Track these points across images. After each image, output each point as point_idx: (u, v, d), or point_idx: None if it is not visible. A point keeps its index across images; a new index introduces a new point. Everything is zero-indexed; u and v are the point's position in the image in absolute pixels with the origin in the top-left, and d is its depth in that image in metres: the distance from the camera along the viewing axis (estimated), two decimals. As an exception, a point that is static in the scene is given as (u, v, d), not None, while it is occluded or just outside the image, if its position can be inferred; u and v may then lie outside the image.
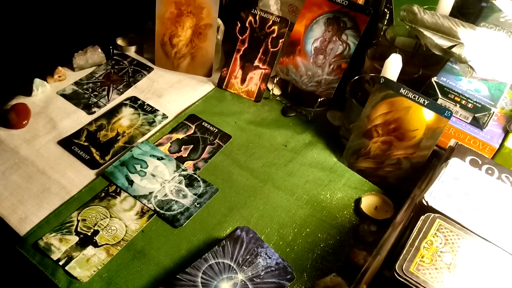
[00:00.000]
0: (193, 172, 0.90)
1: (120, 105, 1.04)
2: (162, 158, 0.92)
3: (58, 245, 0.76)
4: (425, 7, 0.91)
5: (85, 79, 1.10)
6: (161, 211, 0.83)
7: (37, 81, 1.04)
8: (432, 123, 0.82)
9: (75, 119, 1.00)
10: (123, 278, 0.74)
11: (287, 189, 0.89)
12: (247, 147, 0.97)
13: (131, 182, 0.87)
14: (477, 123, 0.87)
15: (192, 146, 0.96)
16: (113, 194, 0.85)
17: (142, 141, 0.96)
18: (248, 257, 0.75)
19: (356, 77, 0.95)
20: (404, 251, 0.61)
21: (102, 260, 0.75)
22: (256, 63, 1.08)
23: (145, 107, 1.04)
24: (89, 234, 0.78)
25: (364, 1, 1.01)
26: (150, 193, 0.85)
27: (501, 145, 0.85)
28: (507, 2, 0.96)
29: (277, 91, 1.11)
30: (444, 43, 0.88)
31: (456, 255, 0.62)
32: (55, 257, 0.75)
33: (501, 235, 0.66)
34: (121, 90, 1.08)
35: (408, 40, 1.03)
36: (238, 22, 1.07)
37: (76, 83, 1.09)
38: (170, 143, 0.96)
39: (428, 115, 0.81)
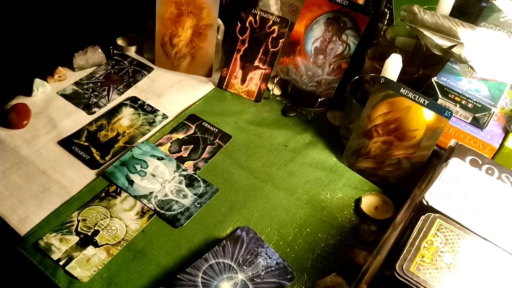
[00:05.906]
0: (193, 172, 0.90)
1: (120, 105, 1.04)
2: (162, 158, 0.92)
3: (59, 245, 0.76)
4: (425, 7, 0.91)
5: (85, 79, 1.10)
6: (162, 211, 0.83)
7: (37, 81, 1.04)
8: (432, 123, 0.82)
9: (75, 119, 1.00)
10: (123, 278, 0.74)
11: (287, 189, 0.89)
12: (247, 147, 0.97)
13: (131, 182, 0.87)
14: (477, 123, 0.87)
15: (192, 146, 0.96)
16: (113, 194, 0.85)
17: (142, 141, 0.96)
18: (248, 257, 0.75)
19: (356, 77, 0.95)
20: (404, 251, 0.61)
21: (102, 260, 0.75)
22: (256, 63, 1.08)
23: (145, 107, 1.04)
24: (90, 234, 0.78)
25: (364, 1, 1.01)
26: (150, 193, 0.85)
27: (501, 145, 0.85)
28: (507, 2, 0.96)
29: (277, 91, 1.11)
30: (444, 43, 0.88)
31: (456, 255, 0.62)
32: (55, 257, 0.75)
33: (501, 235, 0.66)
34: (121, 90, 1.08)
35: (408, 40, 1.03)
36: (238, 22, 1.07)
37: (76, 83, 1.09)
38: (170, 143, 0.96)
39: (428, 115, 0.82)
